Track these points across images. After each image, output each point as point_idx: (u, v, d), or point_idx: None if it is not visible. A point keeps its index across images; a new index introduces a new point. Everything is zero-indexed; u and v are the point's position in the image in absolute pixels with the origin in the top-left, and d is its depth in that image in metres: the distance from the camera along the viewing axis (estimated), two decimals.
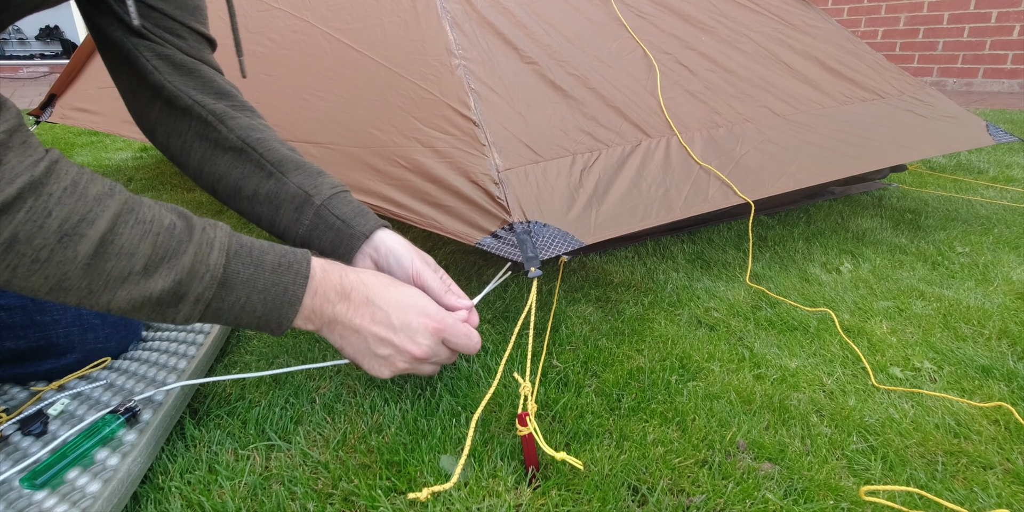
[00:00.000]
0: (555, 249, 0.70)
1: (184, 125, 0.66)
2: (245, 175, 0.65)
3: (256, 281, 0.47)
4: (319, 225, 0.64)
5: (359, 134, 0.90)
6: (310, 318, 0.51)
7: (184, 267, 0.44)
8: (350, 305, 0.52)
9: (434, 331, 0.54)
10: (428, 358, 0.54)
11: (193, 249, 0.44)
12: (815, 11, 1.35)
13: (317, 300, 0.50)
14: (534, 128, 0.83)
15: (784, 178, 0.93)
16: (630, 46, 1.03)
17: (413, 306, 0.53)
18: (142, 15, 0.61)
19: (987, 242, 1.10)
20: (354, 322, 0.52)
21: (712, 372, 0.70)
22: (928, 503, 0.51)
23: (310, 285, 0.49)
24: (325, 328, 0.52)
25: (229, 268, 0.46)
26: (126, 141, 2.32)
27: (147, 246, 0.42)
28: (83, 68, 1.62)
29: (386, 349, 0.53)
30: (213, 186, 0.68)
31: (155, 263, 0.43)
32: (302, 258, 0.50)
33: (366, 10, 0.99)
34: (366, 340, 0.52)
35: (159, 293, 0.43)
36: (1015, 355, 0.74)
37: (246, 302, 0.47)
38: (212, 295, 0.45)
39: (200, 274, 0.44)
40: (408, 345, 0.53)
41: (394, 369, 0.54)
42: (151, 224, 0.43)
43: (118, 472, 0.49)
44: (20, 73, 5.22)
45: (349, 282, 0.52)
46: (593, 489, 0.51)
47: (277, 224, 0.66)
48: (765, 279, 0.96)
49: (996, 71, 3.62)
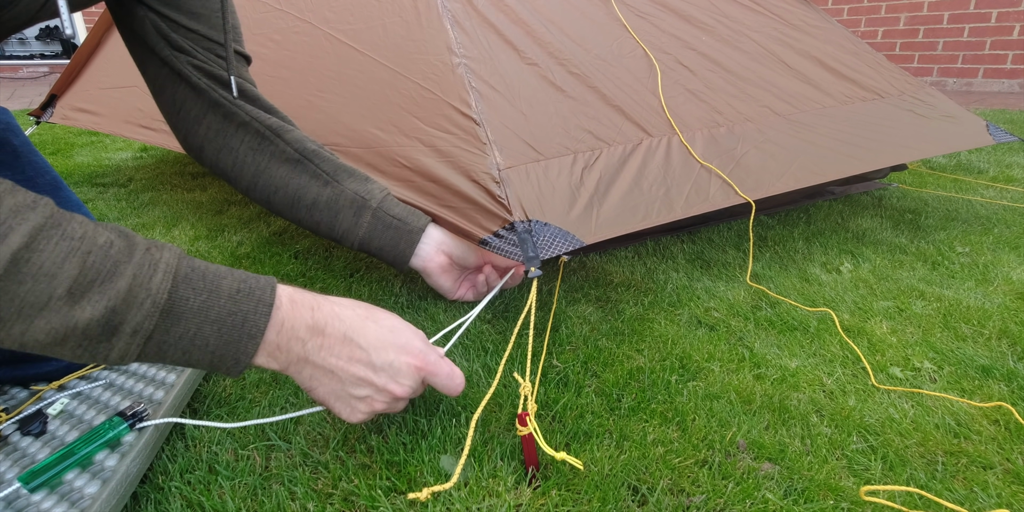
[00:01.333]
0: (556, 249, 0.70)
1: (237, 141, 0.69)
2: (303, 185, 0.69)
3: (209, 310, 0.40)
4: (377, 226, 0.70)
5: (361, 134, 0.90)
6: (274, 355, 0.44)
7: (119, 292, 0.37)
8: (324, 342, 0.46)
9: (416, 370, 0.50)
10: (407, 397, 0.50)
11: (132, 271, 0.38)
12: (815, 11, 1.35)
13: (283, 335, 0.44)
14: (535, 127, 0.83)
15: (785, 178, 0.93)
16: (630, 46, 1.03)
17: (394, 344, 0.49)
18: (183, 37, 0.64)
19: (987, 242, 1.10)
20: (329, 362, 0.46)
21: (712, 372, 0.70)
22: (928, 503, 0.51)
23: (275, 316, 0.43)
24: (291, 367, 0.46)
25: (176, 294, 0.39)
26: (126, 141, 2.32)
27: (73, 266, 0.36)
28: (83, 68, 1.62)
29: (365, 390, 0.48)
30: (268, 198, 0.71)
31: (82, 287, 0.36)
32: (265, 284, 0.44)
33: (368, 10, 0.99)
34: (342, 381, 0.47)
35: (86, 323, 0.36)
36: (1015, 355, 0.74)
37: (196, 335, 0.40)
38: (154, 326, 0.38)
39: (139, 301, 0.37)
40: (390, 386, 0.48)
41: (371, 411, 0.49)
42: (80, 241, 0.37)
43: (116, 472, 0.49)
44: (20, 73, 5.22)
45: (323, 316, 0.46)
46: (593, 489, 0.51)
47: (336, 229, 0.71)
48: (765, 279, 0.96)
49: (996, 71, 3.61)
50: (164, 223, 1.27)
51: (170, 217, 1.31)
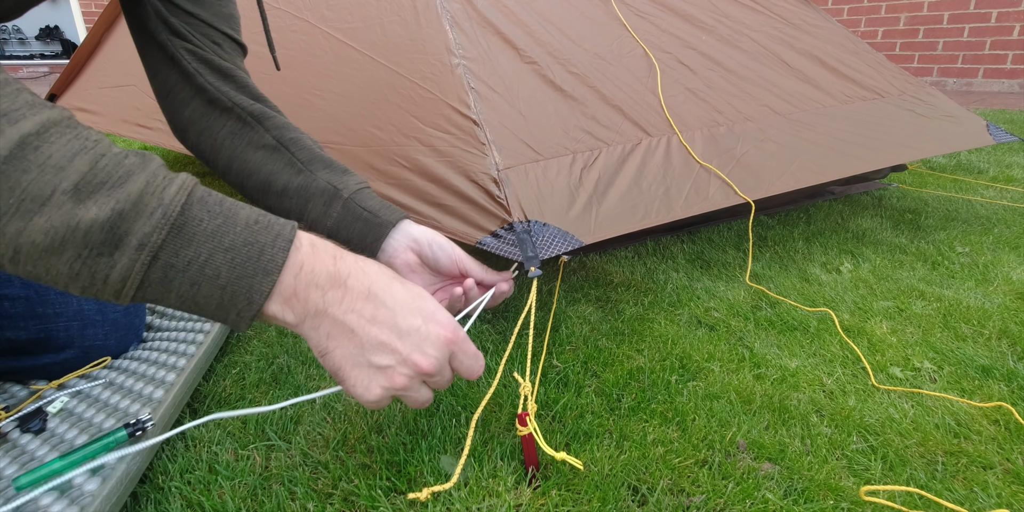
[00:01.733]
0: (555, 249, 0.70)
1: (219, 124, 0.69)
2: (275, 171, 0.68)
3: (223, 235, 0.36)
4: (347, 217, 0.67)
5: (359, 133, 0.90)
6: (290, 302, 0.39)
7: (130, 195, 0.33)
8: (346, 294, 0.40)
9: (447, 342, 0.44)
10: (434, 375, 0.43)
11: (145, 178, 0.34)
12: (815, 10, 1.35)
13: (302, 279, 0.39)
14: (534, 127, 0.83)
15: (784, 177, 0.93)
16: (630, 45, 1.03)
17: (423, 309, 0.43)
18: (182, 21, 0.66)
19: (987, 242, 1.10)
20: (348, 318, 0.40)
21: (712, 372, 0.70)
22: (928, 503, 0.51)
23: (294, 255, 0.38)
24: (308, 322, 0.40)
25: (189, 212, 0.35)
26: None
27: (83, 163, 0.33)
28: (83, 68, 1.62)
29: (387, 358, 0.41)
30: (242, 182, 0.71)
31: (91, 186, 0.33)
32: (286, 223, 0.40)
33: (366, 9, 0.99)
34: (362, 345, 0.41)
35: (89, 225, 0.32)
36: (1015, 355, 0.73)
37: (207, 262, 0.36)
38: (162, 242, 0.34)
39: (150, 209, 0.34)
40: (415, 355, 0.42)
41: (390, 385, 0.42)
42: (95, 144, 0.34)
43: (116, 471, 0.49)
44: (20, 73, 5.22)
45: (346, 266, 0.41)
46: (593, 489, 0.51)
47: (305, 218, 0.69)
48: (765, 279, 0.96)
49: (996, 71, 3.61)
50: None
51: None
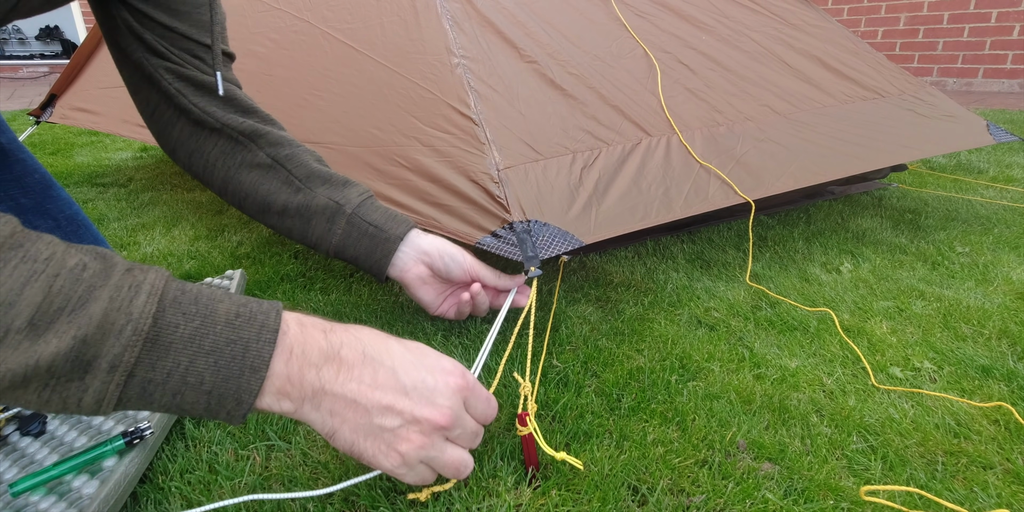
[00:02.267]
0: (555, 248, 0.70)
1: (209, 145, 0.66)
2: (272, 191, 0.65)
3: (203, 338, 0.34)
4: (352, 233, 0.64)
5: (359, 133, 0.90)
6: (285, 391, 0.37)
7: (92, 318, 0.31)
8: (341, 366, 0.38)
9: (457, 389, 0.41)
10: (452, 427, 0.40)
11: (108, 294, 0.32)
12: (815, 10, 1.35)
13: (294, 364, 0.37)
14: (534, 127, 0.83)
15: (784, 177, 0.93)
16: (630, 45, 1.03)
17: (425, 361, 0.41)
18: (158, 36, 0.60)
19: (987, 242, 1.10)
20: (348, 388, 0.38)
21: (712, 372, 0.70)
22: (928, 503, 0.51)
23: (282, 342, 0.36)
24: (308, 404, 0.38)
25: (163, 319, 0.33)
26: (126, 141, 2.32)
27: (35, 292, 0.30)
28: (83, 68, 1.62)
29: (395, 418, 0.38)
30: (240, 202, 0.68)
31: (47, 316, 0.30)
32: (269, 308, 0.37)
33: (366, 10, 0.99)
34: (368, 412, 0.38)
35: (51, 359, 0.30)
36: (1015, 355, 0.73)
37: (188, 370, 0.33)
38: (136, 359, 0.32)
39: (117, 327, 0.31)
40: (425, 410, 0.39)
41: (408, 448, 0.39)
42: (46, 263, 0.31)
43: (115, 473, 0.49)
44: (20, 73, 5.22)
45: (337, 337, 0.39)
46: (593, 489, 0.51)
47: (309, 236, 0.67)
48: (765, 279, 0.96)
49: (996, 71, 3.61)
50: (164, 223, 1.27)
51: (170, 217, 1.31)
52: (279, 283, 0.94)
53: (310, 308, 0.85)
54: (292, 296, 0.89)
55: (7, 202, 0.64)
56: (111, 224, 1.27)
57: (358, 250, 0.65)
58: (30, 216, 0.64)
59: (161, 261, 1.05)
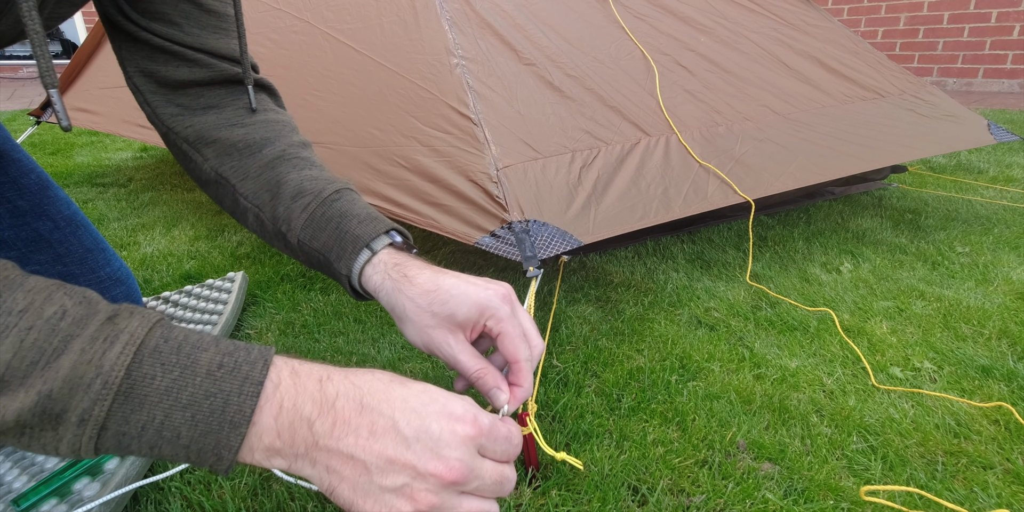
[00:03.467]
0: (554, 248, 0.70)
1: (174, 153, 0.60)
2: (236, 212, 0.58)
3: (180, 391, 0.32)
4: (306, 259, 0.55)
5: (358, 133, 0.90)
6: (275, 447, 0.34)
7: (59, 372, 0.30)
8: (336, 419, 0.34)
9: (467, 439, 0.36)
10: (466, 482, 0.35)
11: (80, 346, 0.31)
12: (816, 10, 1.35)
13: (283, 419, 0.34)
14: (533, 127, 0.83)
15: (784, 177, 0.93)
16: (628, 47, 1.03)
17: (430, 405, 0.36)
18: (140, 12, 0.53)
19: (987, 242, 1.10)
20: (344, 443, 0.34)
21: (712, 372, 0.70)
22: (928, 503, 0.51)
23: (272, 396, 0.34)
24: (301, 461, 0.34)
25: (137, 371, 0.31)
26: (126, 141, 2.32)
27: (6, 350, 0.29)
28: (83, 68, 1.62)
29: (399, 476, 0.34)
30: None
31: (18, 372, 0.30)
32: (257, 357, 0.34)
33: (366, 10, 0.99)
34: (367, 469, 0.34)
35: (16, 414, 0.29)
36: (1015, 355, 0.73)
37: (164, 424, 0.32)
38: (106, 414, 0.31)
39: (87, 382, 0.30)
40: (431, 463, 0.34)
41: (416, 508, 0.34)
42: (20, 316, 0.30)
43: (116, 475, 0.49)
44: (20, 73, 5.22)
45: (333, 387, 0.35)
46: (593, 489, 0.51)
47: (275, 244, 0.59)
48: (765, 279, 0.96)
49: (996, 71, 3.62)
50: (164, 223, 1.27)
51: (170, 217, 1.31)
52: (279, 283, 0.94)
53: (310, 308, 0.85)
54: (292, 296, 0.89)
55: (4, 205, 0.63)
56: (111, 224, 1.27)
57: (321, 271, 0.55)
58: (28, 218, 0.64)
59: (161, 261, 1.05)
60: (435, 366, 0.71)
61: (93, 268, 0.66)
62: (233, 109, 0.58)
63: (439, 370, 0.71)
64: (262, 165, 0.56)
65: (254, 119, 0.59)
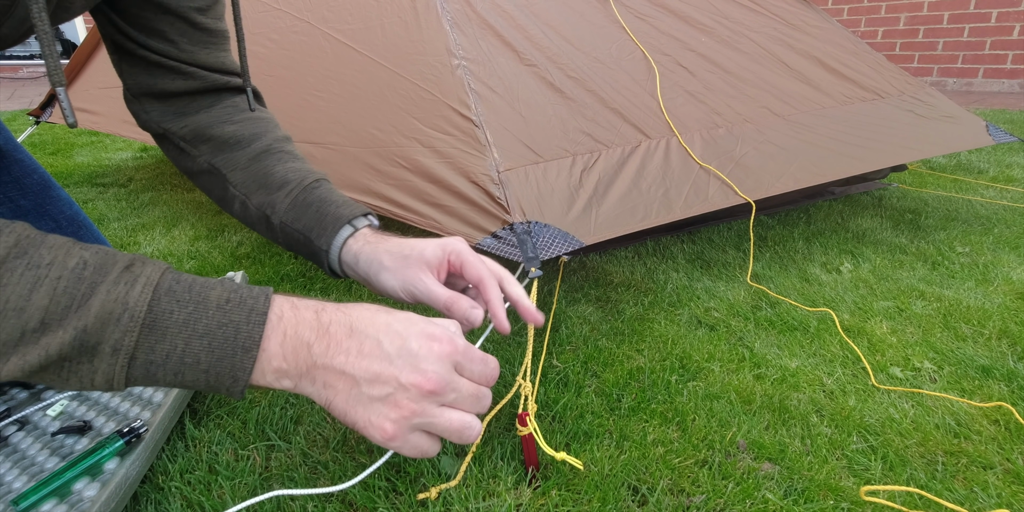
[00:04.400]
0: (555, 249, 0.70)
1: (164, 146, 0.66)
2: (220, 198, 0.64)
3: (196, 322, 0.37)
4: (289, 242, 0.59)
5: (359, 134, 0.90)
6: (282, 369, 0.39)
7: (91, 311, 0.35)
8: (330, 341, 0.40)
9: (443, 355, 0.41)
10: (443, 392, 0.40)
11: (106, 288, 0.36)
12: (815, 11, 1.35)
13: (288, 344, 0.39)
14: (534, 129, 0.83)
15: (784, 178, 0.93)
16: (629, 48, 1.03)
17: (410, 328, 0.42)
18: (138, 29, 0.59)
19: (987, 242, 1.10)
20: (337, 361, 0.39)
21: (712, 372, 0.70)
22: (928, 503, 0.51)
23: (276, 326, 0.39)
24: (304, 380, 0.40)
25: (157, 307, 0.36)
26: (126, 141, 2.32)
27: (42, 296, 0.34)
28: (83, 68, 1.62)
29: (383, 387, 0.39)
30: None
31: (57, 315, 0.34)
32: (259, 293, 0.40)
33: (366, 11, 0.99)
34: (356, 381, 0.40)
35: (59, 349, 0.34)
36: (1015, 355, 0.74)
37: (185, 351, 0.37)
38: (135, 343, 0.36)
39: (116, 316, 0.35)
40: (411, 375, 0.39)
41: (399, 415, 0.39)
42: (49, 268, 0.35)
43: (116, 476, 0.49)
44: (20, 73, 5.22)
45: (327, 315, 0.41)
46: (593, 489, 0.51)
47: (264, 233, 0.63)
48: (765, 279, 0.96)
49: (996, 71, 3.62)
50: (164, 223, 1.27)
51: (170, 217, 1.31)
52: (279, 283, 0.94)
53: None
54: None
55: (6, 204, 0.63)
56: (111, 224, 1.28)
57: (305, 256, 0.60)
58: (30, 218, 0.64)
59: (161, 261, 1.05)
60: None
61: None
62: (220, 107, 0.64)
63: None
64: (250, 158, 0.62)
65: (243, 116, 0.65)
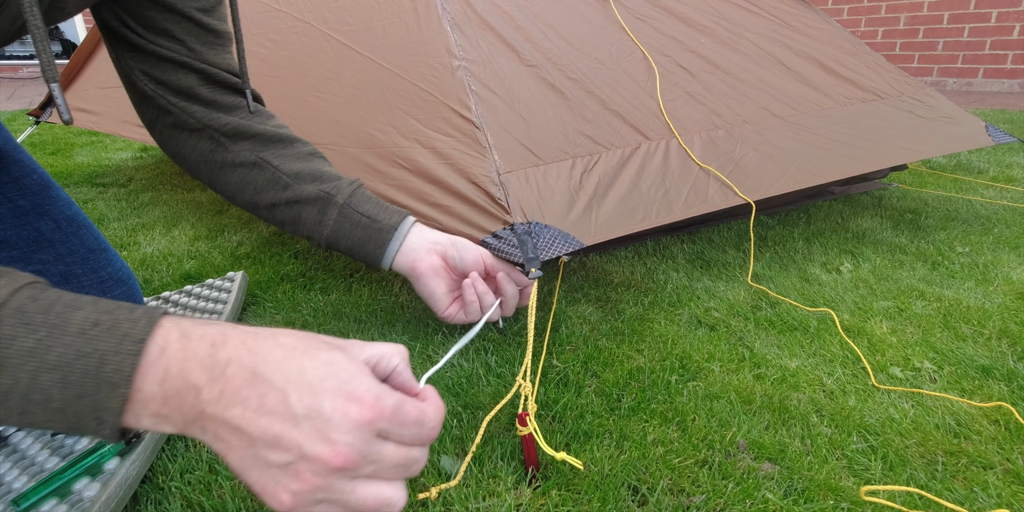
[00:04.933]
0: (556, 250, 0.70)
1: (190, 145, 0.66)
2: (260, 189, 0.66)
3: (47, 351, 0.30)
4: (344, 224, 0.64)
5: (359, 135, 0.90)
6: (163, 414, 0.31)
7: None
8: (225, 387, 0.31)
9: (362, 423, 0.32)
10: (355, 467, 0.32)
11: None
12: (814, 12, 1.35)
13: (170, 385, 0.31)
14: (534, 130, 0.83)
15: (783, 179, 0.93)
16: (629, 49, 1.03)
17: (328, 381, 0.32)
18: (144, 27, 0.59)
19: (987, 242, 1.10)
20: (231, 414, 0.31)
21: (712, 372, 0.70)
22: (928, 503, 0.51)
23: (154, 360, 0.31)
24: (192, 427, 0.32)
25: None
26: (126, 141, 2.32)
27: None
28: (83, 68, 1.62)
29: (282, 454, 0.31)
30: (232, 199, 0.69)
31: None
32: (141, 315, 0.32)
33: (367, 11, 0.99)
34: (252, 442, 0.31)
35: None
36: (1015, 355, 0.74)
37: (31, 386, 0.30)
38: None
39: None
40: (317, 445, 0.31)
41: (301, 488, 0.31)
42: None
43: (116, 475, 0.49)
44: (20, 73, 5.22)
45: (226, 352, 0.32)
46: (593, 489, 0.51)
47: (301, 228, 0.67)
48: (765, 279, 0.96)
49: (996, 71, 3.62)
50: (164, 223, 1.27)
51: (170, 217, 1.31)
52: (279, 283, 0.95)
53: (310, 308, 0.85)
54: (292, 296, 0.89)
55: (6, 205, 0.63)
56: (111, 224, 1.28)
57: (351, 241, 0.65)
58: (30, 218, 0.64)
59: (161, 261, 1.05)
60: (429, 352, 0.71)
61: (95, 268, 0.67)
62: (245, 110, 0.67)
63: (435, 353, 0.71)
64: (301, 155, 0.67)
65: (274, 122, 0.69)
